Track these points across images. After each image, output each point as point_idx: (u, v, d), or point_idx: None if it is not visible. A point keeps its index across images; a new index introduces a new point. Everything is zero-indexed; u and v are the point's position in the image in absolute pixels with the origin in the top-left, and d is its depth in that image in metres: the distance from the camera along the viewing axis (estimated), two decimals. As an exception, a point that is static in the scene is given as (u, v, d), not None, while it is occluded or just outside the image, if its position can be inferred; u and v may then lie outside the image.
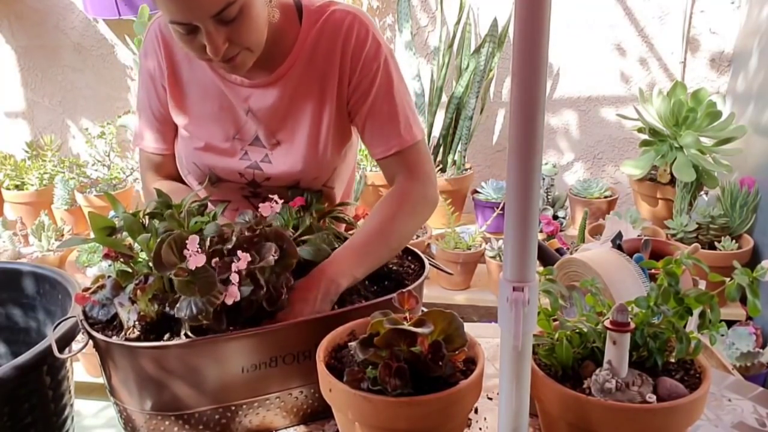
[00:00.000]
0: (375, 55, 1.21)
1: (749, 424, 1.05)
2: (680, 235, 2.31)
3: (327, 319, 1.02)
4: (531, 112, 0.70)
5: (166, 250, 0.95)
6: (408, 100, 1.27)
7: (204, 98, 1.27)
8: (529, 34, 0.68)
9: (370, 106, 1.23)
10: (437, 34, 2.72)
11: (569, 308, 1.08)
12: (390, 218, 1.21)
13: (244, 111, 1.25)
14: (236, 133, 1.27)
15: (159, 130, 1.33)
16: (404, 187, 1.25)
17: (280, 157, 1.27)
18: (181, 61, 1.26)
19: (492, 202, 2.64)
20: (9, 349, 1.47)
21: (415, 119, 1.27)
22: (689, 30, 2.64)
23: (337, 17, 1.21)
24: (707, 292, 0.89)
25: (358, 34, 1.20)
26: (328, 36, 1.21)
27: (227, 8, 1.05)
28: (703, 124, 2.38)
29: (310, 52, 1.22)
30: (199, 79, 1.26)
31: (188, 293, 0.94)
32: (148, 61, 1.28)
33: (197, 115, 1.28)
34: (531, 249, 0.75)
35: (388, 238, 1.20)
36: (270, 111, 1.24)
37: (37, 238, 2.62)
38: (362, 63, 1.21)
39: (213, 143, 1.28)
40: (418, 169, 1.26)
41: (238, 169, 1.29)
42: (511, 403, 0.81)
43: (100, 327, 1.03)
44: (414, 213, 1.25)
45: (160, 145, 1.34)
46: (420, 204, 1.26)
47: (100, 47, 3.03)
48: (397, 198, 1.24)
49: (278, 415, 1.06)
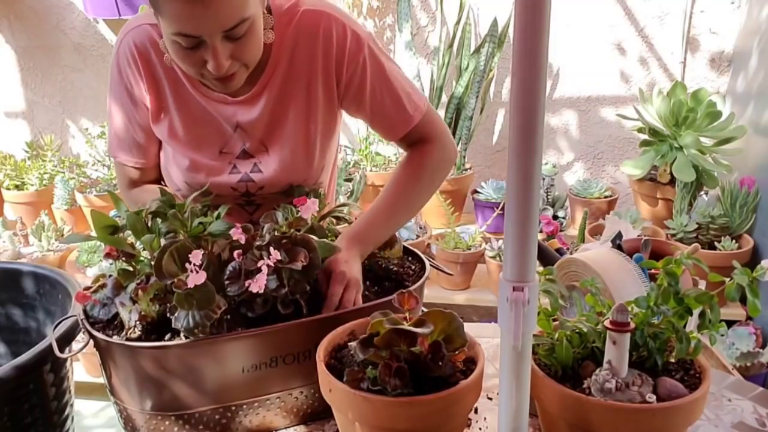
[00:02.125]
0: (358, 48, 1.20)
1: (749, 424, 1.05)
2: (680, 235, 2.31)
3: (327, 319, 1.02)
4: (531, 112, 0.70)
5: (168, 260, 0.95)
6: (402, 76, 1.27)
7: (187, 117, 1.23)
8: (529, 34, 0.68)
9: (370, 96, 1.23)
10: (437, 34, 2.72)
11: (569, 308, 1.08)
12: (411, 181, 1.26)
13: (231, 127, 1.23)
14: (223, 147, 1.25)
15: (139, 145, 1.29)
16: (422, 150, 1.29)
17: (269, 163, 1.26)
18: (162, 79, 1.21)
19: (492, 202, 2.64)
20: (9, 349, 1.47)
21: (415, 91, 1.28)
22: (689, 30, 2.64)
23: (309, 19, 1.18)
24: (707, 292, 0.89)
25: (336, 32, 1.19)
26: (305, 41, 1.19)
27: (240, 24, 1.04)
28: (703, 124, 2.38)
29: (289, 59, 1.20)
30: (181, 97, 1.22)
31: (186, 307, 0.94)
32: (122, 77, 1.22)
33: (181, 133, 1.25)
34: (531, 249, 0.75)
35: (410, 201, 1.26)
36: (258, 123, 1.23)
37: (37, 238, 2.62)
38: (347, 59, 1.20)
39: (199, 160, 1.26)
40: (433, 133, 1.29)
41: (229, 183, 1.27)
42: (511, 403, 0.81)
43: (100, 326, 1.03)
44: (434, 174, 1.29)
45: (139, 159, 1.31)
46: (440, 163, 1.30)
47: (100, 47, 3.03)
48: (417, 161, 1.28)
49: (278, 415, 1.06)
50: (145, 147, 1.30)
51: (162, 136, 1.27)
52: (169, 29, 1.04)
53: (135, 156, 1.31)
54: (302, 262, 1.01)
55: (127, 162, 1.31)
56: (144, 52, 1.19)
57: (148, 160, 1.32)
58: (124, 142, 1.30)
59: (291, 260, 1.01)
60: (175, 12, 1.00)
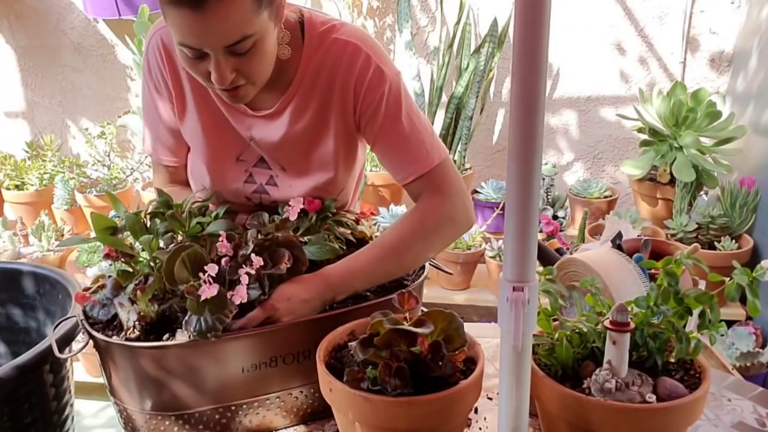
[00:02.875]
0: (378, 83, 1.15)
1: (749, 424, 1.05)
2: (680, 235, 2.30)
3: (327, 319, 1.02)
4: (531, 112, 0.70)
5: (180, 266, 0.95)
6: (421, 124, 1.20)
7: (208, 120, 1.23)
8: (529, 34, 0.68)
9: (379, 133, 1.18)
10: (437, 34, 2.72)
11: (569, 308, 1.08)
12: (406, 236, 1.15)
13: (247, 138, 1.22)
14: (240, 155, 1.24)
15: (170, 143, 1.30)
16: (428, 204, 1.18)
17: (286, 180, 1.25)
18: (185, 78, 1.21)
19: (492, 202, 2.64)
20: (9, 349, 1.47)
21: (434, 142, 1.20)
22: (689, 30, 2.64)
23: (338, 47, 1.15)
24: (707, 292, 0.89)
25: (360, 63, 1.15)
26: (330, 67, 1.16)
27: (242, 41, 1.00)
28: (703, 124, 2.38)
29: (312, 82, 1.17)
30: (203, 99, 1.22)
31: (198, 312, 0.94)
32: (152, 73, 1.23)
33: (200, 136, 1.24)
34: (531, 249, 0.75)
35: (400, 256, 1.14)
36: (273, 141, 1.21)
37: (37, 238, 2.62)
38: (365, 91, 1.15)
39: (216, 165, 1.25)
40: (444, 188, 1.19)
41: (245, 193, 1.26)
42: (511, 403, 0.81)
43: (100, 327, 1.03)
44: (435, 232, 1.17)
45: (171, 157, 1.32)
46: (446, 222, 1.18)
47: (100, 47, 3.03)
48: (419, 215, 1.18)
49: (278, 415, 1.06)
50: (174, 145, 1.30)
51: (185, 136, 1.27)
52: (175, 38, 1.03)
53: (162, 154, 1.31)
54: (286, 264, 1.01)
55: (158, 160, 1.33)
56: (172, 50, 1.18)
57: (178, 159, 1.32)
58: (155, 140, 1.31)
59: (275, 264, 1.00)
60: (178, 23, 0.99)
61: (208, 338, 0.94)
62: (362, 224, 1.28)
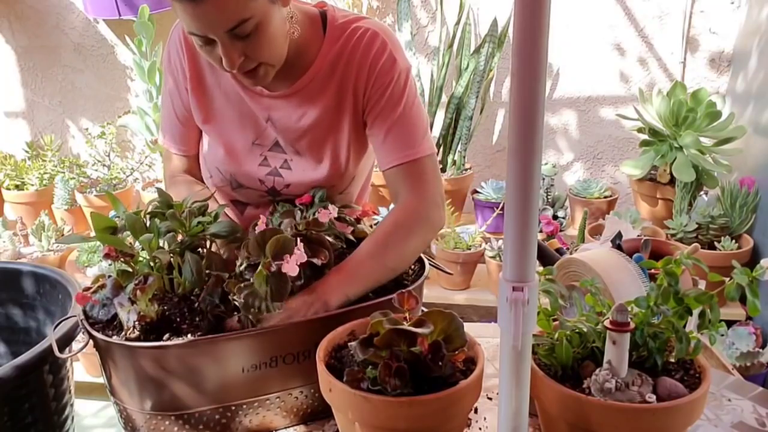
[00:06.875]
0: (389, 69, 1.21)
1: (749, 424, 1.05)
2: (680, 235, 2.30)
3: (327, 319, 1.02)
4: (531, 112, 0.70)
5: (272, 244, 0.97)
6: (419, 118, 1.24)
7: (225, 104, 1.28)
8: (529, 34, 0.68)
9: (379, 114, 1.22)
10: (437, 33, 2.72)
11: (569, 308, 1.08)
12: (387, 239, 1.17)
13: (264, 119, 1.27)
14: (256, 139, 1.29)
15: (181, 131, 1.35)
16: (406, 206, 1.22)
17: (299, 163, 1.28)
18: (205, 65, 1.27)
19: (492, 202, 2.64)
20: (9, 349, 1.47)
21: (426, 137, 1.24)
22: (689, 30, 2.64)
23: (359, 34, 1.21)
24: (707, 292, 0.89)
25: (376, 48, 1.20)
26: (349, 52, 1.21)
27: (241, 24, 1.05)
28: (703, 124, 2.38)
29: (330, 68, 1.22)
30: (222, 84, 1.27)
31: (260, 285, 0.96)
32: (171, 63, 1.30)
33: (218, 119, 1.29)
34: (531, 249, 0.75)
35: (384, 259, 1.16)
36: (289, 123, 1.26)
37: (37, 238, 2.62)
38: (376, 75, 1.20)
39: (233, 148, 1.29)
40: (423, 187, 1.22)
41: (258, 176, 1.30)
42: (510, 403, 0.81)
43: (100, 327, 1.03)
44: (413, 234, 1.20)
45: (181, 146, 1.37)
46: (422, 226, 1.21)
47: (100, 47, 3.03)
48: (397, 218, 1.21)
49: (278, 415, 1.06)
50: (188, 135, 1.35)
51: (199, 121, 1.31)
52: (185, 29, 1.10)
53: (178, 143, 1.36)
54: (322, 260, 1.05)
55: (171, 148, 1.38)
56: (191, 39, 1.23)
57: (189, 148, 1.37)
58: (169, 129, 1.36)
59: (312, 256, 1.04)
60: (181, 13, 1.06)
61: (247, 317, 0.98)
62: (363, 223, 1.28)
